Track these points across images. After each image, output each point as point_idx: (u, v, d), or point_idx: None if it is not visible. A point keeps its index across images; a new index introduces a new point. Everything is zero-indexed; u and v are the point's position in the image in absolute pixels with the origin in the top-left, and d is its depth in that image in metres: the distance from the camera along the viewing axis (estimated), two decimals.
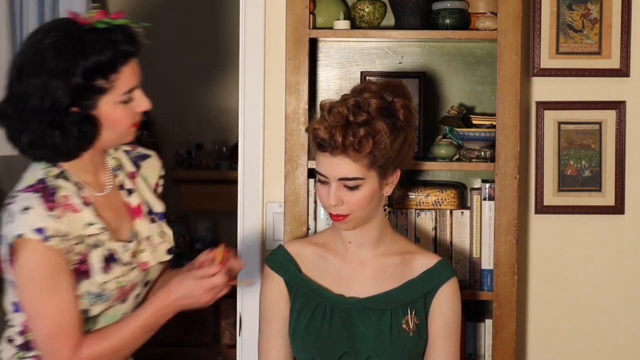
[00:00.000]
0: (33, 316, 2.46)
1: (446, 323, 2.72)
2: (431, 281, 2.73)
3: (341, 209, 2.64)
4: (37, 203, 2.43)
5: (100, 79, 2.45)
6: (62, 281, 2.44)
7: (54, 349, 2.46)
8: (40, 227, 2.40)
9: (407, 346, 2.69)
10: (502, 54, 3.10)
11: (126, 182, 2.67)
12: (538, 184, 3.39)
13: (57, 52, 2.43)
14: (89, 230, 2.49)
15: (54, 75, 2.42)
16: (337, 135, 2.59)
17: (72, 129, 2.45)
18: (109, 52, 2.44)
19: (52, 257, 2.42)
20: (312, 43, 3.21)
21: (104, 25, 2.47)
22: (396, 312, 2.70)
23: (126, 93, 2.50)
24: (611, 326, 3.43)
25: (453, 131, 3.21)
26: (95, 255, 2.49)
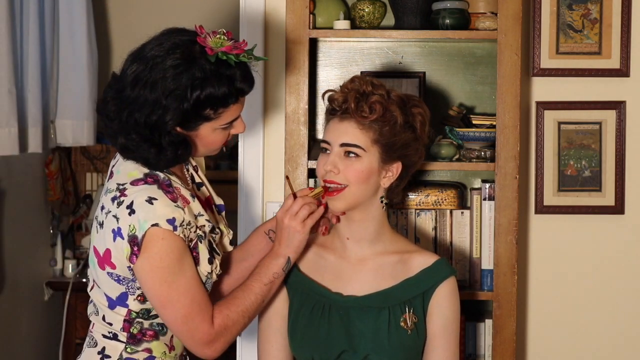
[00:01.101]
0: (165, 302, 2.51)
1: (445, 322, 2.73)
2: (429, 280, 2.73)
3: (337, 177, 2.66)
4: (160, 194, 2.50)
5: (209, 109, 2.50)
6: (188, 262, 2.52)
7: (192, 327, 2.52)
8: (172, 217, 2.47)
9: (405, 344, 2.69)
10: (502, 54, 3.10)
11: (195, 176, 2.74)
12: (538, 184, 3.39)
13: (176, 76, 2.46)
14: (200, 221, 2.57)
15: (167, 97, 2.46)
16: (350, 100, 2.65)
17: (168, 150, 2.51)
18: (224, 89, 2.49)
19: (179, 243, 2.49)
20: (312, 43, 3.21)
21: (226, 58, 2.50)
22: (394, 310, 2.71)
23: (228, 124, 2.57)
24: (611, 326, 3.43)
25: (453, 131, 3.21)
26: (203, 246, 2.57)
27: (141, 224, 2.47)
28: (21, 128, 4.14)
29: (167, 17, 6.25)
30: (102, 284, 2.57)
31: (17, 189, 4.90)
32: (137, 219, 2.47)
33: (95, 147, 5.42)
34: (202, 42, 2.49)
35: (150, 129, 2.48)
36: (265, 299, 2.63)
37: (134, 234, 2.48)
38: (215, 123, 2.53)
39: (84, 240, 5.43)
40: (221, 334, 2.54)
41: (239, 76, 2.52)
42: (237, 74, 2.51)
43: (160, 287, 2.49)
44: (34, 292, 5.19)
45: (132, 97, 2.48)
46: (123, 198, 2.51)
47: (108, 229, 2.52)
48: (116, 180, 2.56)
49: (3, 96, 3.98)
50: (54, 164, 5.35)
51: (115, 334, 2.59)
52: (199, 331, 2.52)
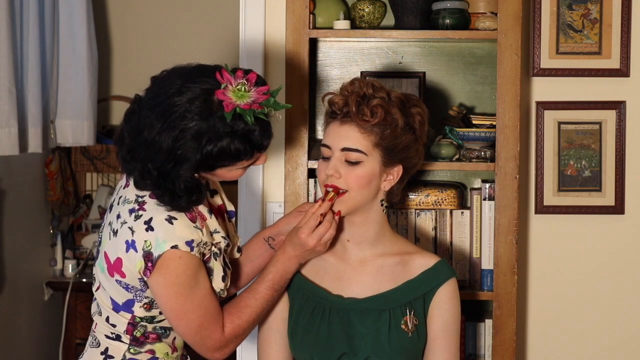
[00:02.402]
0: (180, 314, 2.52)
1: (445, 324, 2.72)
2: (430, 282, 2.73)
3: (338, 182, 2.64)
4: (180, 214, 2.49)
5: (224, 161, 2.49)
6: (202, 275, 2.53)
7: (205, 336, 2.54)
8: (190, 239, 2.47)
9: (406, 346, 2.69)
10: (502, 54, 3.10)
11: (210, 183, 2.71)
12: (538, 184, 3.39)
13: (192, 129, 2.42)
14: (215, 238, 2.58)
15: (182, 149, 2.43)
16: (351, 103, 2.62)
17: (183, 197, 2.48)
18: (238, 145, 2.45)
19: (194, 261, 2.50)
20: (312, 43, 3.21)
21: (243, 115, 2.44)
22: (395, 312, 2.70)
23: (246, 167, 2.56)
24: (611, 326, 3.43)
25: (453, 131, 3.21)
26: (218, 263, 2.57)
27: (159, 243, 2.46)
28: (21, 128, 4.14)
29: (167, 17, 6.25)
30: (109, 288, 2.57)
31: (17, 189, 4.90)
32: (156, 237, 2.46)
33: (95, 147, 5.42)
34: (220, 95, 2.42)
35: (163, 177, 2.46)
36: (275, 303, 2.68)
37: (149, 250, 2.47)
38: (232, 167, 2.52)
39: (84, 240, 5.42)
40: (231, 341, 2.58)
41: (257, 133, 2.47)
42: (255, 131, 2.46)
43: (176, 301, 2.50)
44: (34, 292, 5.19)
45: (147, 142, 2.44)
46: (142, 212, 2.50)
47: (122, 239, 2.51)
48: (135, 192, 2.54)
49: (3, 96, 3.98)
50: (54, 164, 5.35)
51: (119, 335, 2.59)
52: (211, 339, 2.55)
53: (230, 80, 2.43)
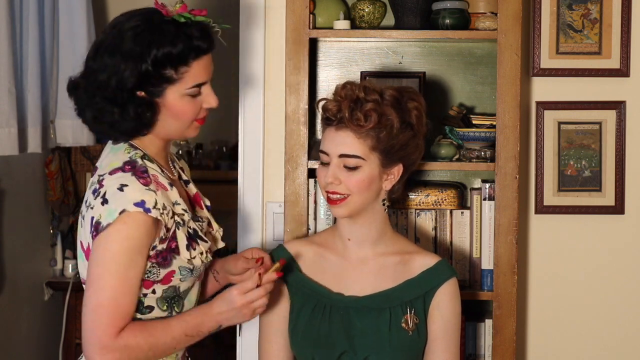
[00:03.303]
0: (93, 284, 2.45)
1: (446, 324, 2.72)
2: (430, 281, 2.73)
3: (339, 188, 2.65)
4: (132, 180, 2.48)
5: (170, 69, 2.51)
6: (137, 260, 2.46)
7: (96, 321, 2.44)
8: (140, 200, 2.44)
9: (406, 345, 2.69)
10: (502, 54, 3.10)
11: (182, 174, 2.75)
12: (538, 184, 3.39)
13: (134, 36, 2.49)
14: (176, 209, 2.55)
15: (127, 58, 2.48)
16: (344, 108, 2.63)
17: (130, 109, 2.50)
18: (181, 45, 2.50)
19: (143, 231, 2.45)
20: (312, 43, 3.21)
21: (184, 19, 2.53)
22: (395, 311, 2.70)
23: (194, 87, 2.55)
24: (611, 326, 3.43)
25: (453, 131, 3.21)
26: (181, 233, 2.54)
27: (111, 212, 2.44)
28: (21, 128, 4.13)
29: None
30: None
31: (17, 189, 4.90)
32: (108, 208, 2.45)
33: (95, 147, 5.42)
34: (159, 7, 2.53)
35: (112, 91, 2.49)
36: (179, 346, 2.56)
37: (99, 220, 2.45)
38: (179, 87, 2.52)
39: None
40: (118, 350, 2.44)
41: (197, 34, 2.53)
42: (195, 33, 2.53)
43: (95, 266, 2.44)
44: (34, 292, 5.19)
45: (95, 65, 2.51)
46: (100, 189, 2.50)
47: (87, 222, 2.51)
48: (98, 172, 2.56)
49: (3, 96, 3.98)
50: (54, 164, 5.35)
51: None
52: (100, 330, 2.43)
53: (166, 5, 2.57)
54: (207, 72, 2.57)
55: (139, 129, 2.55)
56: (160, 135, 2.60)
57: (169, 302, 2.58)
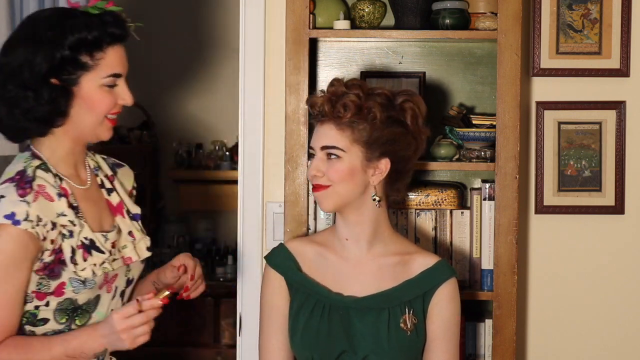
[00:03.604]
0: None
1: (445, 324, 2.73)
2: (430, 281, 2.73)
3: (321, 180, 2.69)
4: (11, 191, 2.44)
5: (85, 54, 2.50)
6: (16, 275, 2.42)
7: None
8: (10, 212, 2.40)
9: (405, 345, 2.69)
10: (502, 54, 3.10)
11: (106, 182, 2.70)
12: (538, 184, 3.39)
13: (48, 24, 2.49)
14: (61, 220, 2.49)
15: (40, 45, 2.47)
16: (326, 102, 2.69)
17: (45, 93, 2.47)
18: (96, 31, 2.51)
19: (18, 244, 2.40)
20: (312, 43, 3.21)
21: (96, 11, 2.54)
22: (394, 311, 2.71)
23: (110, 77, 2.53)
24: (611, 326, 3.43)
25: (453, 131, 3.21)
26: (67, 244, 2.49)
27: None
28: None
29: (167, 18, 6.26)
30: None
31: None
32: None
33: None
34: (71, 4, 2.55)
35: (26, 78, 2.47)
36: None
37: None
38: (94, 74, 2.51)
39: None
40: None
41: (110, 21, 2.53)
42: (109, 20, 2.53)
43: None
44: None
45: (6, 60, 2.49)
46: None
47: None
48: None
49: None
50: None
51: None
52: None
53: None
54: (123, 64, 2.56)
55: (53, 116, 2.50)
56: (71, 131, 2.55)
57: (69, 314, 2.52)
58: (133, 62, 2.61)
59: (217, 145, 6.29)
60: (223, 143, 6.29)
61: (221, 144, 6.28)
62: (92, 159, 2.71)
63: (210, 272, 5.89)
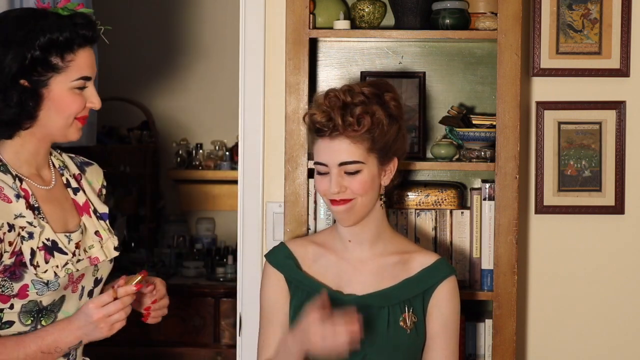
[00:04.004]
0: None
1: (445, 321, 2.73)
2: (429, 279, 2.74)
3: (345, 194, 2.66)
4: None
5: (55, 56, 2.48)
6: None
7: None
8: None
9: (405, 344, 2.70)
10: (502, 54, 3.10)
11: (72, 182, 2.67)
12: (538, 184, 3.39)
13: (18, 24, 2.47)
14: (19, 222, 2.47)
15: (9, 45, 2.45)
16: (335, 116, 2.62)
17: (14, 95, 2.45)
18: (67, 32, 2.48)
19: None
20: (312, 43, 3.21)
21: (66, 12, 2.52)
22: (394, 309, 2.71)
23: (79, 79, 2.51)
24: (611, 326, 3.43)
25: (453, 131, 3.21)
26: (27, 246, 2.47)
27: None
28: None
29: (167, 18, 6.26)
30: None
31: None
32: None
33: (95, 147, 5.42)
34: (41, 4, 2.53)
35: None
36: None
37: None
38: (65, 77, 2.49)
39: None
40: None
41: (81, 22, 2.51)
42: (79, 21, 2.51)
43: None
44: None
45: None
46: None
47: None
48: None
49: None
50: None
51: None
52: None
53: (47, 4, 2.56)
54: (92, 68, 2.55)
55: (21, 118, 2.48)
56: (38, 133, 2.53)
57: (34, 316, 2.50)
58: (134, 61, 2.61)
59: (217, 145, 6.29)
60: (223, 143, 6.29)
61: (221, 144, 6.29)
62: (58, 158, 2.67)
63: (210, 272, 5.89)
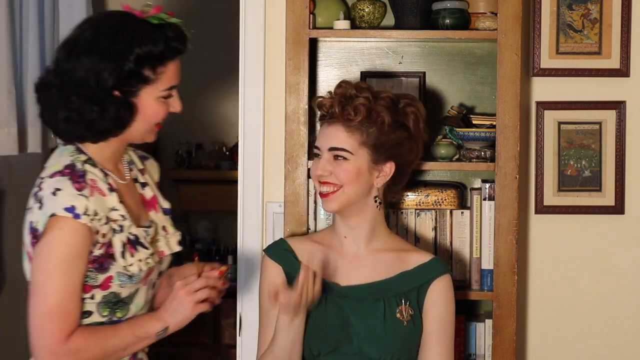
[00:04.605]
0: (39, 291, 2.46)
1: (440, 318, 2.76)
2: (425, 275, 2.78)
3: (330, 178, 2.72)
4: (66, 184, 2.47)
5: (148, 69, 2.51)
6: (78, 265, 2.47)
7: (45, 328, 2.45)
8: (70, 206, 2.44)
9: (401, 335, 2.72)
10: (502, 54, 3.10)
11: (139, 176, 2.73)
12: (538, 184, 3.39)
13: (113, 35, 2.49)
14: (113, 215, 2.54)
15: (106, 57, 2.48)
16: (336, 104, 2.73)
17: (110, 108, 2.50)
18: (161, 45, 2.52)
19: (80, 237, 2.45)
20: (312, 43, 3.21)
21: (157, 21, 2.55)
22: (390, 302, 2.75)
23: (167, 89, 2.56)
24: (611, 326, 3.43)
25: (453, 131, 3.21)
26: (118, 239, 2.54)
27: (42, 217, 2.46)
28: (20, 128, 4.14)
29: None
30: None
31: (17, 189, 4.90)
32: (43, 212, 2.46)
33: None
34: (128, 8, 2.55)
35: (91, 90, 2.48)
36: (129, 348, 2.55)
37: (35, 227, 2.47)
38: (154, 88, 2.53)
39: None
40: (69, 354, 2.45)
41: (172, 34, 2.54)
42: (170, 34, 2.54)
43: (39, 274, 2.46)
44: None
45: (71, 65, 2.49)
46: (39, 192, 2.50)
47: (27, 225, 2.52)
48: (41, 174, 2.55)
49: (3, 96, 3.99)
50: None
51: None
52: (49, 337, 2.44)
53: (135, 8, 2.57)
54: (179, 76, 2.59)
55: (114, 129, 2.54)
56: (121, 138, 2.58)
57: (110, 307, 2.56)
58: None
59: (217, 145, 6.29)
60: (223, 143, 6.29)
61: (221, 144, 6.28)
62: (126, 153, 2.72)
63: None
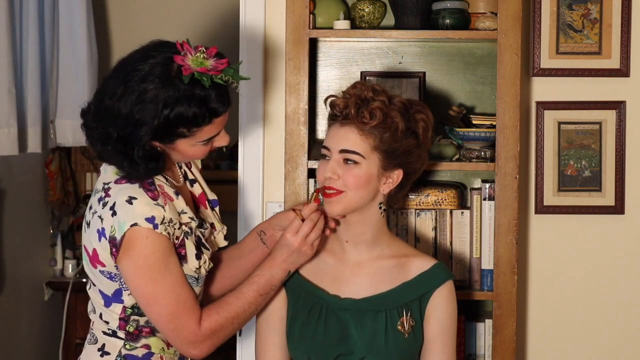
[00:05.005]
0: (151, 300, 2.52)
1: (442, 326, 2.73)
2: (426, 284, 2.73)
3: (336, 183, 2.66)
4: (140, 193, 2.52)
5: (182, 128, 2.51)
6: (173, 261, 2.53)
7: (178, 325, 2.53)
8: (151, 216, 2.49)
9: (402, 347, 2.69)
10: (502, 54, 3.10)
11: (188, 173, 2.76)
12: (538, 184, 3.39)
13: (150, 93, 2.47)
14: (183, 218, 2.58)
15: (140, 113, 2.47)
16: (351, 105, 2.66)
17: (140, 164, 2.52)
18: (195, 109, 2.49)
19: (163, 242, 2.50)
20: (312, 43, 3.21)
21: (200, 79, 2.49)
22: (391, 313, 2.70)
23: (206, 140, 2.57)
24: (611, 326, 3.43)
25: (453, 131, 3.21)
26: (190, 242, 2.58)
27: (120, 225, 2.49)
28: (21, 128, 4.14)
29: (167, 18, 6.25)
30: (97, 281, 2.60)
31: (17, 189, 4.90)
32: (118, 220, 2.50)
33: None
34: (179, 61, 2.50)
35: (123, 142, 2.50)
36: (259, 307, 2.65)
37: (113, 235, 2.50)
38: (191, 140, 2.54)
39: None
40: (208, 337, 2.56)
41: (213, 97, 2.51)
42: (211, 95, 2.50)
43: (145, 286, 2.51)
44: (34, 292, 5.19)
45: (108, 108, 2.50)
46: (107, 198, 2.54)
47: (94, 229, 2.54)
48: (102, 179, 2.59)
49: (3, 96, 3.98)
50: (54, 164, 5.35)
51: (114, 331, 2.61)
52: (185, 330, 2.54)
53: (190, 50, 2.52)
54: (221, 125, 2.58)
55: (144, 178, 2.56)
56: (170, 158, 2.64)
57: None
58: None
59: None
60: None
61: None
62: None
63: None
